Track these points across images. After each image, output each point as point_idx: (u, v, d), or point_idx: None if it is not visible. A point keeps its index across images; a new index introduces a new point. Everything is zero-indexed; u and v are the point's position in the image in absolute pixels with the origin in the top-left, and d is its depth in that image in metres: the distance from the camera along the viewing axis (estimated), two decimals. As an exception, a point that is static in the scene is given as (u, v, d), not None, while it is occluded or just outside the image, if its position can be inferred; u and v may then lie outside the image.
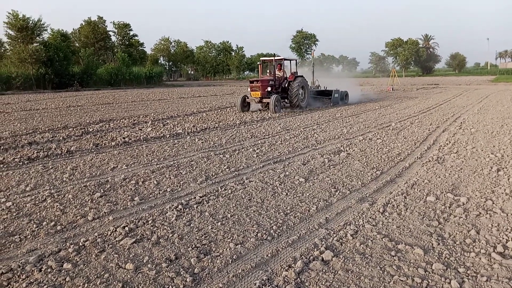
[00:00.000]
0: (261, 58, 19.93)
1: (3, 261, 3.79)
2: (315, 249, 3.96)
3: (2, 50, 54.57)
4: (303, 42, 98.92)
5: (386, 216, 4.83)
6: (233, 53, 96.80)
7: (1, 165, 7.59)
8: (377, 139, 9.99)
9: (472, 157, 7.83)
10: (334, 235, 4.32)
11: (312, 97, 19.98)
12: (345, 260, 3.74)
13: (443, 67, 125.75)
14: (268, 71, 19.59)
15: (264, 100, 17.15)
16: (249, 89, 17.56)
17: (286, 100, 18.22)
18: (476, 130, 10.90)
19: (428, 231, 4.38)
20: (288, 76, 18.65)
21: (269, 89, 17.10)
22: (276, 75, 18.23)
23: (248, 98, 17.67)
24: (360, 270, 3.57)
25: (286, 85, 18.22)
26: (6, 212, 5.06)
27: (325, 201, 5.39)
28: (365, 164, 7.48)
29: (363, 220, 4.72)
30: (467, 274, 3.46)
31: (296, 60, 20.08)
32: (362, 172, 6.92)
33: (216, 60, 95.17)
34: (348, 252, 3.91)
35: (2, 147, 9.32)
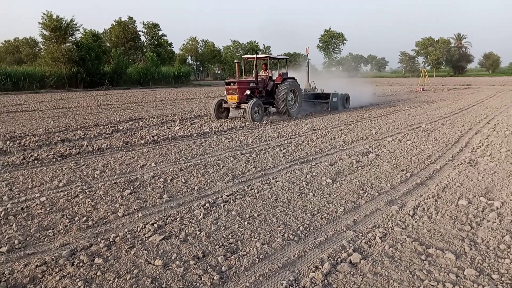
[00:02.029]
0: (243, 56, 17.21)
1: (37, 254, 3.92)
2: (343, 251, 3.91)
3: (37, 50, 56.48)
4: (331, 41, 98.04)
5: (416, 220, 4.73)
6: (260, 53, 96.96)
7: (36, 161, 7.86)
8: (407, 140, 9.79)
9: (507, 160, 7.56)
10: (363, 237, 4.26)
11: (306, 102, 17.53)
12: (374, 263, 3.68)
13: (476, 67, 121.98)
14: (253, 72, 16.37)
15: (243, 106, 14.34)
16: (225, 92, 14.94)
17: (272, 106, 15.68)
18: (510, 132, 10.52)
19: (460, 236, 4.26)
20: (275, 78, 15.98)
21: (248, 92, 14.23)
22: (260, 76, 15.62)
23: (225, 102, 14.99)
24: (389, 273, 3.50)
25: (273, 89, 15.54)
26: (41, 207, 5.23)
27: (353, 203, 5.32)
28: (395, 165, 7.34)
29: (392, 223, 4.64)
30: (501, 281, 3.35)
31: (286, 59, 17.66)
32: (391, 174, 6.79)
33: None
34: (377, 255, 3.85)
35: (36, 144, 9.65)
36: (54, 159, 8.05)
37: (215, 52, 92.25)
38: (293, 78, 16.15)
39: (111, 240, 4.20)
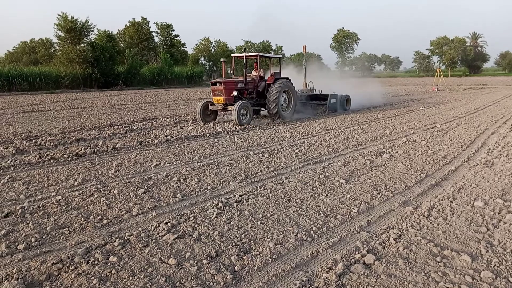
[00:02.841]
0: (232, 55, 16.44)
1: (53, 252, 3.98)
2: (357, 252, 3.89)
3: (52, 51, 57.26)
4: (344, 40, 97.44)
5: (431, 221, 4.67)
6: (272, 53, 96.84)
7: (51, 160, 7.98)
8: (422, 140, 9.68)
9: (525, 161, 7.43)
10: (376, 238, 4.22)
11: (303, 103, 16.55)
12: (388, 264, 3.65)
13: (492, 67, 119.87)
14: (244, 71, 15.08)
15: (230, 108, 13.39)
16: (211, 94, 13.89)
17: (264, 108, 14.65)
18: (528, 133, 10.33)
19: (476, 238, 4.20)
20: (267, 78, 14.83)
21: (235, 93, 13.23)
22: (250, 76, 14.68)
23: (212, 104, 13.92)
24: (403, 275, 3.47)
25: (264, 90, 14.46)
26: (56, 205, 5.31)
27: (366, 204, 5.28)
28: (409, 166, 7.26)
29: (406, 224, 4.59)
30: (519, 285, 3.28)
31: (279, 57, 16.75)
32: (406, 174, 6.73)
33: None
34: (391, 256, 3.82)
35: (52, 143, 9.80)
36: (70, 159, 8.16)
37: (227, 52, 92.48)
38: (286, 78, 15.07)
39: (125, 238, 4.24)
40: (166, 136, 10.69)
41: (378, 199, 5.49)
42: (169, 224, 4.59)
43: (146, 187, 6.06)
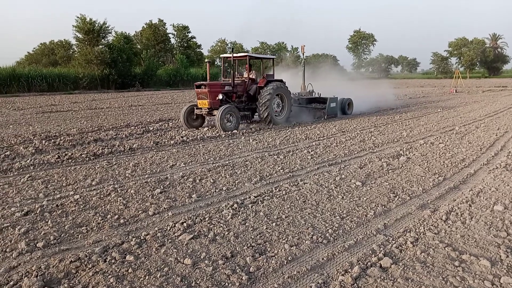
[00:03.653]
0: (221, 56, 15.35)
1: (71, 250, 4.04)
2: (373, 255, 3.85)
3: (71, 52, 58.19)
4: (361, 42, 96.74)
5: (449, 225, 4.60)
6: (288, 54, 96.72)
7: (70, 160, 8.11)
8: (439, 143, 9.53)
9: (547, 165, 7.25)
10: (393, 241, 4.18)
11: (300, 107, 15.64)
12: (405, 268, 3.60)
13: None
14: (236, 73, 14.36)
15: (215, 112, 12.14)
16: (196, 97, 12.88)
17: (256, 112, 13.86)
18: (550, 136, 10.08)
19: (496, 242, 4.11)
20: (259, 81, 13.79)
21: (220, 96, 12.28)
22: (241, 79, 13.85)
23: (198, 108, 12.83)
24: (420, 279, 3.42)
25: (256, 93, 13.49)
26: (74, 204, 5.39)
27: (383, 206, 5.23)
28: (427, 169, 7.16)
29: (424, 228, 4.53)
30: (541, 291, 3.21)
31: (273, 58, 15.54)
32: (423, 177, 6.63)
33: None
34: (408, 260, 3.77)
35: (70, 143, 9.96)
36: (87, 158, 8.28)
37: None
38: (280, 80, 14.04)
39: (142, 238, 4.28)
40: (182, 137, 10.76)
41: (395, 202, 5.43)
42: (184, 224, 4.62)
43: (162, 187, 6.12)
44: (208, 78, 13.86)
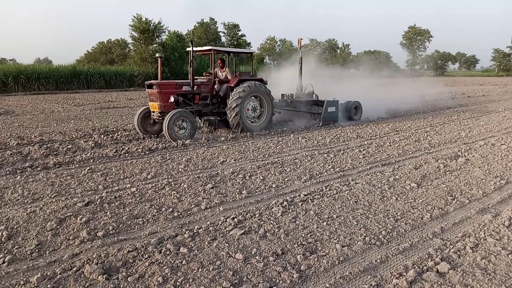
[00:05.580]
0: (187, 49, 12.22)
1: (129, 241, 4.22)
2: (429, 259, 3.70)
3: (127, 51, 60.62)
4: (415, 38, 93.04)
5: (513, 231, 4.33)
6: (338, 51, 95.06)
7: (127, 154, 8.46)
8: (501, 144, 8.98)
9: None
10: (451, 246, 3.99)
11: (294, 112, 13.62)
12: (464, 274, 3.43)
13: None
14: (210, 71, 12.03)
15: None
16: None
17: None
18: None
19: None
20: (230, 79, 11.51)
21: (172, 99, 10.27)
22: (206, 78, 11.78)
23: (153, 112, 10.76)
24: (481, 286, 3.25)
25: (226, 94, 11.31)
26: (131, 196, 5.62)
27: (440, 209, 5.01)
28: (487, 171, 6.78)
29: (484, 233, 4.29)
30: None
31: (252, 53, 13.28)
32: (484, 180, 6.28)
33: (320, 58, 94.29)
34: (467, 266, 3.59)
35: (127, 138, 10.40)
36: (143, 153, 8.60)
37: (292, 51, 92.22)
38: (259, 80, 11.78)
39: (194, 231, 4.39)
40: (232, 134, 10.89)
41: (452, 205, 5.19)
42: (235, 220, 4.68)
43: (213, 183, 6.23)
44: (159, 77, 11.04)
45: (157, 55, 11.05)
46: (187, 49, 12.10)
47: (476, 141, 9.51)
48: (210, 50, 11.36)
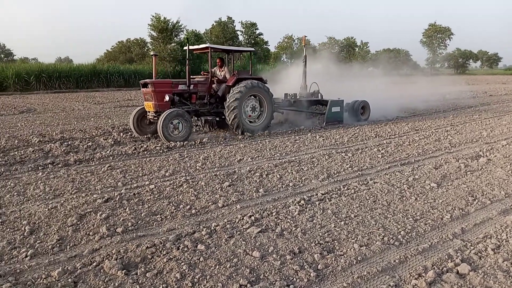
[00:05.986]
0: (184, 48, 12.21)
1: (147, 237, 4.27)
2: (449, 260, 3.64)
3: (145, 50, 61.24)
4: (436, 36, 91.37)
5: (537, 233, 4.22)
6: (356, 49, 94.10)
7: (145, 152, 8.56)
8: (525, 145, 8.76)
9: None
10: (472, 247, 3.92)
11: (297, 111, 13.11)
12: (485, 276, 3.37)
13: None
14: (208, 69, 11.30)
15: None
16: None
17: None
18: None
19: None
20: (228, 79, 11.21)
21: (167, 98, 9.99)
22: (204, 76, 11.42)
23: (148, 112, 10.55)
24: (504, 290, 3.18)
25: (225, 94, 10.95)
26: (150, 193, 5.69)
27: (460, 210, 4.92)
28: (509, 172, 6.62)
29: (507, 235, 4.20)
30: None
31: (251, 51, 12.67)
32: (506, 181, 6.14)
33: (338, 57, 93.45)
34: (489, 268, 3.52)
35: (145, 136, 10.51)
36: (161, 151, 8.69)
37: (309, 50, 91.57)
38: (259, 78, 11.45)
39: (212, 228, 4.41)
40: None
41: (473, 205, 5.09)
42: (252, 218, 4.69)
43: (230, 181, 6.25)
44: (154, 76, 10.70)
45: (151, 53, 10.73)
46: (184, 48, 11.68)
47: (498, 141, 9.30)
48: (207, 48, 10.98)
